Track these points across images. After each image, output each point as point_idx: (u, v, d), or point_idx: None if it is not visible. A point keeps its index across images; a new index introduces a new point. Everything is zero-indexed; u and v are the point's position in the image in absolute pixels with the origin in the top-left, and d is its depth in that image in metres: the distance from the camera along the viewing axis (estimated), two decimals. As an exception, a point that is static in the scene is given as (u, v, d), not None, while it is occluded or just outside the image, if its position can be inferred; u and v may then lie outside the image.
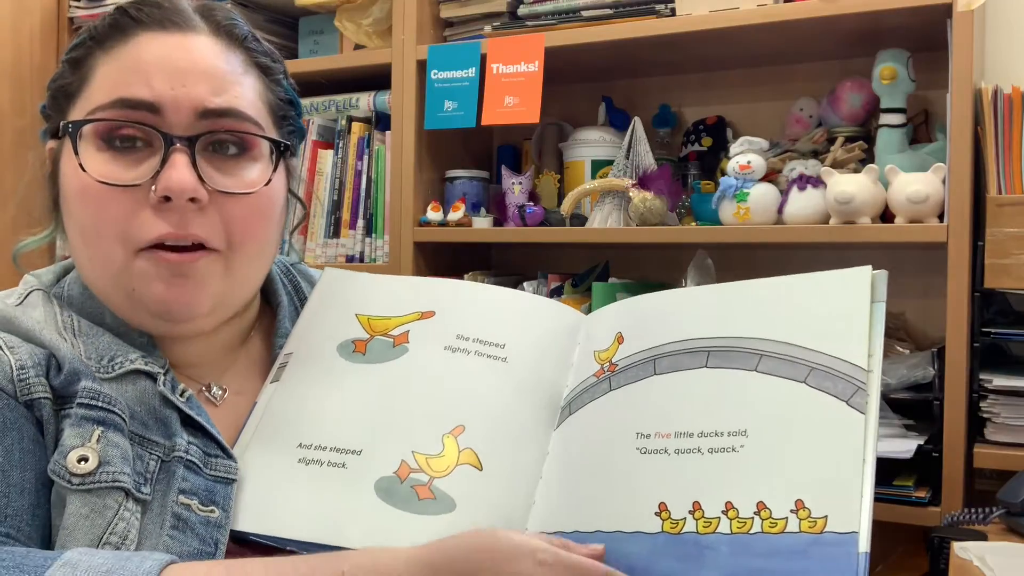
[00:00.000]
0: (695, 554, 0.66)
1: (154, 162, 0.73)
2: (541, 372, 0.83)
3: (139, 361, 0.76)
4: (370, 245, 1.91)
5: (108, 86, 0.75)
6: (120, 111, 0.73)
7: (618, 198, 1.70)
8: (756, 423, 0.70)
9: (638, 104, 1.92)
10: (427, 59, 1.80)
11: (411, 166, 1.84)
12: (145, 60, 0.74)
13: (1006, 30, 1.67)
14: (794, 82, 1.80)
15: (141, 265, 0.74)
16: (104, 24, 0.77)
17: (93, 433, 0.70)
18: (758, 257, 1.83)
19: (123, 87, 0.74)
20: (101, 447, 0.69)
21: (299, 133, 0.88)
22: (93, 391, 0.71)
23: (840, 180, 1.45)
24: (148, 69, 0.74)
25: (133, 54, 0.75)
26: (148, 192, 0.73)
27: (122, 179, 0.73)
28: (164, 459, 0.73)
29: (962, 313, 1.37)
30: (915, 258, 1.62)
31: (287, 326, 0.87)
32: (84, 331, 0.77)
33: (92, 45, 0.77)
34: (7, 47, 2.11)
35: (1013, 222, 1.35)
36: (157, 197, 0.72)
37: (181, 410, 0.75)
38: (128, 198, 0.73)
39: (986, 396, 1.37)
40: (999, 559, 0.96)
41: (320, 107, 1.97)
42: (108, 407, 0.71)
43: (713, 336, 0.76)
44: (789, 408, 0.69)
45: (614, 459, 0.74)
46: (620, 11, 1.67)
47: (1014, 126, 1.38)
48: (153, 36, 0.76)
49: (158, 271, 0.74)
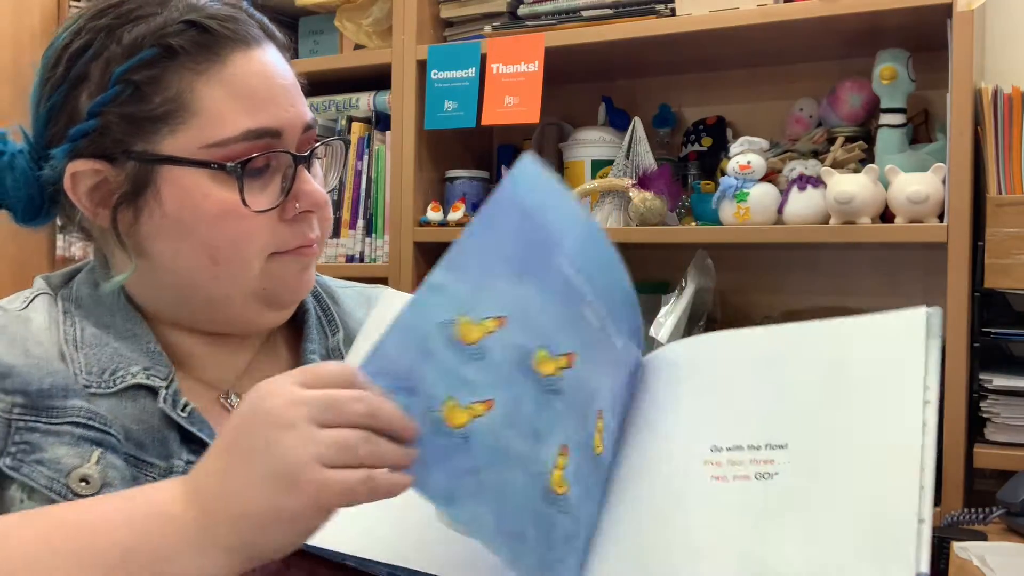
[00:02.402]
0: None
1: (278, 179, 0.77)
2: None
3: (140, 375, 0.74)
4: (370, 245, 1.91)
5: (226, 116, 0.73)
6: (252, 143, 0.74)
7: (618, 198, 1.70)
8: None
9: (638, 104, 1.92)
10: (427, 59, 1.80)
11: (411, 166, 1.84)
12: (253, 86, 0.75)
13: (1006, 30, 1.67)
14: (794, 82, 1.80)
15: (277, 266, 0.77)
16: (187, 42, 0.73)
17: (93, 454, 0.69)
18: (758, 257, 1.83)
19: (245, 117, 0.74)
20: (101, 468, 0.69)
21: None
22: (88, 411, 0.70)
23: (840, 180, 1.45)
24: (262, 94, 0.75)
25: (237, 76, 0.74)
26: (282, 207, 0.77)
27: (265, 204, 0.75)
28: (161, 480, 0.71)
29: (962, 313, 1.38)
30: (915, 258, 1.62)
31: (315, 334, 0.87)
32: (88, 341, 0.76)
33: (175, 65, 0.73)
34: (7, 47, 2.11)
35: (1013, 222, 1.35)
36: (301, 210, 0.77)
37: (182, 427, 0.74)
38: (266, 216, 0.75)
39: (986, 396, 1.37)
40: (999, 559, 0.96)
41: (320, 107, 1.97)
42: (105, 428, 0.71)
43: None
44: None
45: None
46: (620, 11, 1.67)
47: (1014, 126, 1.38)
48: (244, 54, 0.75)
49: (298, 265, 0.79)
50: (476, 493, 0.55)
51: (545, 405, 0.59)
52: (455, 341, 0.56)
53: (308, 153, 0.79)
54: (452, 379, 0.56)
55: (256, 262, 0.76)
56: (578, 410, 0.61)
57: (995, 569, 0.94)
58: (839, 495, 0.62)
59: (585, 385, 0.62)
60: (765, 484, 0.63)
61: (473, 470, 0.55)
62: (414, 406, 0.54)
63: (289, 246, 0.77)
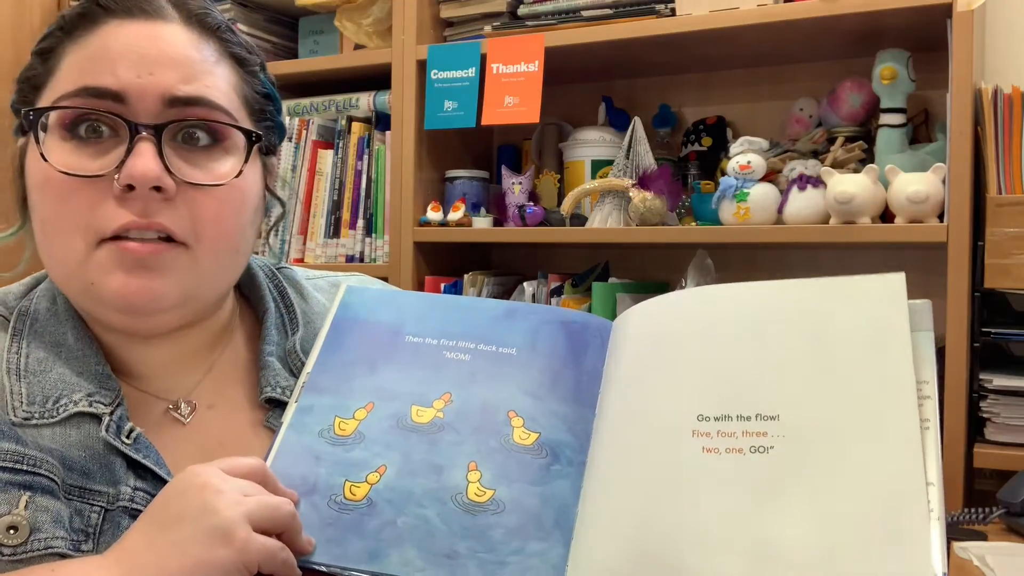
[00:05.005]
0: None
1: (119, 152, 0.70)
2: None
3: (83, 402, 0.72)
4: (370, 245, 1.91)
5: (74, 75, 0.72)
6: (84, 99, 0.71)
7: (618, 198, 1.70)
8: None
9: (638, 104, 1.92)
10: (427, 59, 1.80)
11: (411, 166, 1.84)
12: (111, 48, 0.72)
13: (1006, 30, 1.67)
14: (794, 82, 1.81)
15: (101, 257, 0.71)
16: (73, 14, 0.75)
17: (20, 499, 0.66)
18: (758, 257, 1.83)
19: (88, 75, 0.71)
20: (30, 513, 0.66)
21: (279, 130, 0.84)
22: (16, 453, 0.67)
23: (840, 180, 1.45)
24: (114, 57, 0.71)
25: (100, 43, 0.73)
26: (112, 183, 0.70)
27: (86, 169, 0.70)
28: (108, 508, 0.70)
29: (962, 313, 1.38)
30: (915, 258, 1.62)
31: (273, 334, 0.83)
32: (32, 368, 0.73)
33: (61, 35, 0.75)
34: (7, 47, 2.11)
35: (1013, 222, 1.35)
36: (121, 186, 0.69)
37: (127, 454, 0.72)
38: (91, 189, 0.70)
39: (986, 396, 1.37)
40: (999, 559, 0.96)
41: (320, 107, 1.97)
42: (33, 470, 0.67)
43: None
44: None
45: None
46: (620, 11, 1.67)
47: (1014, 126, 1.38)
48: (121, 24, 0.73)
49: (120, 261, 0.70)
50: (398, 539, 0.66)
51: (436, 443, 0.71)
52: (335, 438, 0.72)
53: (159, 126, 0.71)
54: (343, 467, 0.70)
55: (77, 244, 0.71)
56: (477, 428, 0.72)
57: (995, 569, 0.94)
58: (839, 474, 0.61)
59: (475, 407, 0.74)
60: (760, 459, 0.63)
61: (389, 523, 0.66)
62: (318, 500, 0.68)
63: (107, 229, 0.70)
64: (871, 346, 0.65)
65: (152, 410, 0.77)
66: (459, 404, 0.74)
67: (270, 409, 0.80)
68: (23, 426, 0.70)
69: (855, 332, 0.66)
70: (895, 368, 0.64)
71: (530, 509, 0.68)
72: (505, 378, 0.76)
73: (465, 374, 0.76)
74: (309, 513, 0.67)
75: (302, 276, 0.91)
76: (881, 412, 0.62)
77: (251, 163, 0.77)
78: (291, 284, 0.89)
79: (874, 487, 0.60)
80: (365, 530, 0.66)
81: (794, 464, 0.62)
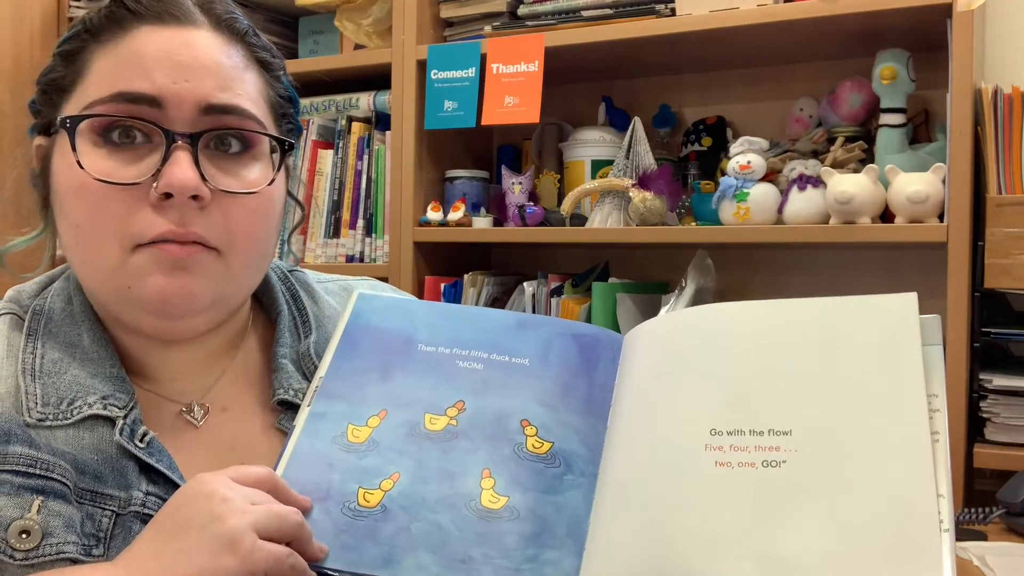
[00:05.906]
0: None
1: (155, 159, 0.71)
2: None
3: (97, 405, 0.72)
4: (370, 245, 1.91)
5: (106, 80, 0.72)
6: (120, 105, 0.71)
7: (618, 198, 1.70)
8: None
9: (638, 104, 1.92)
10: (427, 59, 1.80)
11: (411, 166, 1.84)
12: (145, 54, 0.72)
13: (1006, 30, 1.67)
14: (794, 82, 1.80)
15: (138, 260, 0.71)
16: (99, 16, 0.74)
17: (33, 503, 0.66)
18: (758, 257, 1.83)
19: (123, 81, 0.71)
20: (42, 518, 0.66)
21: (297, 131, 0.85)
22: (29, 457, 0.68)
23: (840, 180, 1.45)
24: (149, 63, 0.71)
25: (132, 47, 0.72)
26: (148, 190, 0.70)
27: (121, 176, 0.70)
28: (120, 513, 0.70)
29: (962, 313, 1.38)
30: (915, 258, 1.62)
31: (287, 336, 0.83)
32: (47, 369, 0.73)
33: (87, 38, 0.74)
34: (7, 47, 2.12)
35: (1013, 222, 1.35)
36: (159, 194, 0.70)
37: (140, 458, 0.72)
38: (127, 196, 0.70)
39: (986, 396, 1.37)
40: (999, 559, 0.96)
41: (320, 107, 1.97)
42: (46, 474, 0.68)
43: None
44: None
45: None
46: (620, 11, 1.67)
47: (1014, 126, 1.38)
48: (152, 29, 0.73)
49: (159, 264, 0.71)
50: (413, 544, 0.66)
51: (449, 450, 0.71)
52: (349, 444, 0.72)
53: (196, 134, 0.71)
54: (356, 474, 0.70)
55: (113, 250, 0.71)
56: (490, 436, 0.73)
57: (995, 569, 0.94)
58: (851, 488, 0.61)
59: (488, 416, 0.74)
60: (773, 473, 0.63)
61: (403, 528, 0.67)
62: (332, 506, 0.68)
63: (145, 237, 0.70)
64: (883, 363, 0.66)
65: (165, 413, 0.77)
66: (472, 412, 0.74)
67: (282, 412, 0.80)
68: (37, 427, 0.70)
69: (867, 349, 0.67)
70: (906, 384, 0.65)
71: (544, 517, 0.68)
72: (518, 387, 0.76)
73: (478, 383, 0.76)
74: (323, 519, 0.67)
75: (313, 279, 0.91)
76: (892, 427, 0.63)
77: (280, 169, 0.78)
78: (303, 287, 0.89)
79: (886, 500, 0.60)
80: (379, 536, 0.66)
81: (806, 478, 0.63)
